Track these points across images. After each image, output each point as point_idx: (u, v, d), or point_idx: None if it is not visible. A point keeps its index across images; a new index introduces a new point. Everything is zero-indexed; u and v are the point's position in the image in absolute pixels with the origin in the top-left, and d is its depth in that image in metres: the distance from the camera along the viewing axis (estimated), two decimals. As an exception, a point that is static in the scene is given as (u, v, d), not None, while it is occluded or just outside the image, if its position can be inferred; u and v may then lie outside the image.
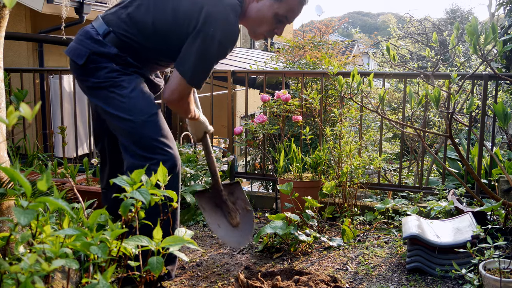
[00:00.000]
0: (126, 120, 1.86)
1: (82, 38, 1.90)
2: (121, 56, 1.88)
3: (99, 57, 1.86)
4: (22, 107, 0.82)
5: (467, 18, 14.81)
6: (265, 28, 1.99)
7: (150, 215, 1.42)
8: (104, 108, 1.88)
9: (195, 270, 2.25)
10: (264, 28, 1.99)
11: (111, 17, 1.92)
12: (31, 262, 0.95)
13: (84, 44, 1.88)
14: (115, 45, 1.88)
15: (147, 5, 1.90)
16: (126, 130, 1.87)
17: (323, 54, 5.52)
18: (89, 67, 1.86)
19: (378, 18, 58.82)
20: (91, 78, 1.88)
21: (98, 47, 1.86)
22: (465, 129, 6.21)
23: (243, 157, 4.29)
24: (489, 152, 2.99)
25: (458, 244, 2.13)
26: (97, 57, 1.86)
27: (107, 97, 1.87)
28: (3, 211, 1.70)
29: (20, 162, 3.49)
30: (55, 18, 5.50)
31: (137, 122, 1.85)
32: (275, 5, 1.93)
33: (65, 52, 1.94)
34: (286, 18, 1.98)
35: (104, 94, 1.87)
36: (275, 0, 1.93)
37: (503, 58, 5.00)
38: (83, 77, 1.91)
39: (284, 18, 1.97)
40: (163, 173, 1.33)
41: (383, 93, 2.52)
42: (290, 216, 2.43)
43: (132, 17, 1.89)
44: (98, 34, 1.88)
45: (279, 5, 1.93)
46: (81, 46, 1.88)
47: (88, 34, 1.90)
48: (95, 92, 1.90)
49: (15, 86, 3.96)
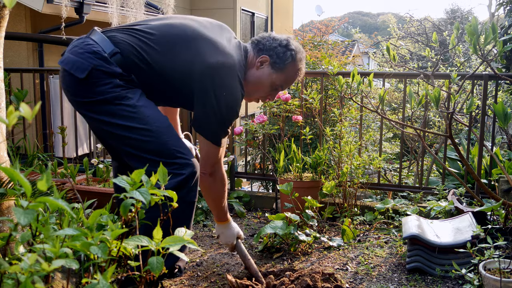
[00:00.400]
0: (139, 129, 1.81)
1: (83, 51, 1.81)
2: (124, 75, 1.83)
3: (102, 74, 1.79)
4: (22, 107, 0.82)
5: (467, 18, 14.82)
6: (260, 94, 2.08)
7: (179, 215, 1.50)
8: (111, 121, 1.81)
9: (195, 270, 2.25)
10: (259, 94, 2.08)
11: (119, 39, 1.85)
12: (31, 262, 0.95)
13: (85, 57, 1.80)
14: (120, 66, 1.82)
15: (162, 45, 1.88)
16: (140, 139, 1.82)
17: (323, 54, 5.52)
18: (90, 82, 1.79)
19: (378, 18, 58.81)
20: (92, 94, 1.80)
21: (103, 63, 1.79)
22: (465, 129, 6.21)
23: (243, 157, 4.30)
24: (489, 152, 2.99)
25: (458, 244, 2.13)
26: (100, 73, 1.79)
27: (113, 109, 1.81)
28: (3, 211, 1.70)
29: (20, 162, 3.49)
30: (55, 18, 5.50)
31: (152, 130, 1.82)
32: (273, 75, 2.01)
33: (61, 64, 1.84)
34: (281, 87, 2.07)
35: (110, 108, 1.81)
36: (274, 71, 2.00)
37: (503, 58, 5.00)
38: (82, 93, 1.82)
39: (280, 87, 2.06)
40: (163, 173, 1.33)
41: (383, 93, 2.52)
42: (290, 216, 2.43)
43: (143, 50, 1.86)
44: (104, 51, 1.81)
45: (277, 75, 2.01)
46: (82, 59, 1.79)
47: (91, 49, 1.81)
48: (98, 108, 1.82)
49: (15, 86, 3.96)
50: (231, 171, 3.50)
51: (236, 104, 1.92)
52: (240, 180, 3.63)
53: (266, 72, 2.00)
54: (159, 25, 1.93)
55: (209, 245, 2.60)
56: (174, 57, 1.88)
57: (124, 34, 1.88)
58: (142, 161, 1.81)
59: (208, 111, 1.87)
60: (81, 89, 1.82)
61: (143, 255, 1.29)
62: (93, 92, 1.80)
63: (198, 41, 1.90)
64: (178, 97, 1.98)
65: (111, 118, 1.81)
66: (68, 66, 1.80)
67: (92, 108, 1.83)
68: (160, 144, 1.83)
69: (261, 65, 2.00)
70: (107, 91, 1.79)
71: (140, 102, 1.83)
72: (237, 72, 1.91)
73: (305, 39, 6.44)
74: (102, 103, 1.81)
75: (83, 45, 1.84)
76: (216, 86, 1.85)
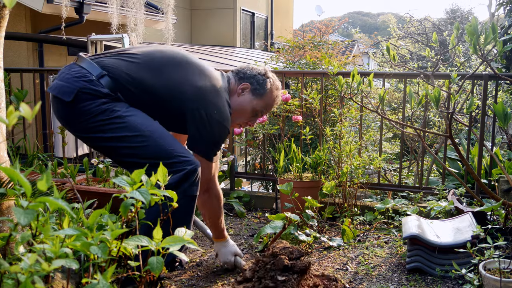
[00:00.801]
0: (132, 137, 1.84)
1: (70, 76, 1.86)
2: (111, 95, 1.86)
3: (88, 95, 1.83)
4: (22, 107, 0.82)
5: (467, 18, 14.81)
6: (242, 119, 2.19)
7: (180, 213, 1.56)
8: (104, 136, 1.85)
9: (195, 270, 2.25)
10: (241, 120, 2.19)
11: (106, 63, 1.90)
12: (31, 262, 0.95)
13: (72, 81, 1.84)
14: (108, 88, 1.86)
15: (150, 68, 1.94)
16: (135, 146, 1.85)
17: (323, 54, 5.52)
18: (76, 104, 1.82)
19: (378, 18, 58.80)
20: (80, 116, 1.84)
21: (89, 85, 1.83)
22: (465, 129, 6.21)
23: (243, 157, 4.29)
24: (489, 152, 2.99)
25: (458, 244, 2.13)
26: (86, 95, 1.82)
27: (103, 125, 1.84)
28: (3, 211, 1.70)
29: (20, 162, 3.49)
30: (55, 18, 5.50)
31: (145, 135, 1.85)
32: (254, 101, 2.14)
33: (49, 91, 1.89)
34: (261, 113, 2.20)
35: (99, 125, 1.84)
36: (255, 97, 2.14)
37: (503, 58, 5.00)
38: (71, 117, 1.87)
39: (260, 113, 2.19)
40: (163, 173, 1.33)
41: (383, 93, 2.52)
42: (290, 216, 2.43)
43: (132, 72, 1.90)
44: (91, 74, 1.85)
45: (257, 101, 2.14)
46: (68, 83, 1.84)
47: (78, 73, 1.86)
48: (89, 128, 1.86)
49: (15, 86, 3.96)
50: (231, 171, 3.50)
51: (226, 121, 2.02)
52: (240, 180, 3.63)
53: (248, 98, 2.13)
54: (147, 50, 2.02)
55: (209, 245, 2.60)
56: (164, 77, 1.94)
57: (112, 59, 1.94)
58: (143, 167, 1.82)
59: (201, 129, 1.96)
60: (70, 113, 1.86)
61: (143, 254, 1.29)
62: (80, 113, 1.84)
63: (187, 64, 2.01)
64: (169, 118, 2.01)
65: (103, 134, 1.85)
66: (55, 92, 1.86)
67: (85, 129, 1.88)
68: (156, 147, 1.86)
69: (242, 92, 2.13)
70: (93, 110, 1.83)
71: (128, 113, 1.87)
72: (223, 94, 2.04)
73: (305, 39, 6.43)
74: (91, 123, 1.85)
75: (69, 71, 1.90)
76: (206, 106, 1.96)
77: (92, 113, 1.83)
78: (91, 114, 1.83)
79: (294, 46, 6.18)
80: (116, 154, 1.91)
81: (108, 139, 1.86)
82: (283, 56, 6.14)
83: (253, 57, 9.06)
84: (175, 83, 1.95)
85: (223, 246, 2.21)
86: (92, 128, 1.85)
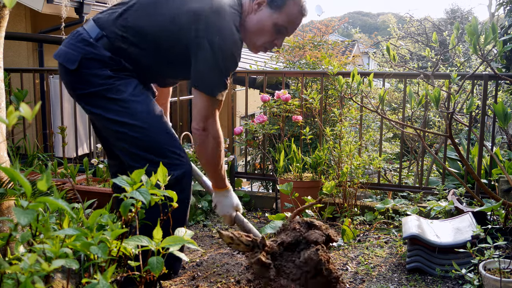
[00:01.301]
0: (130, 126, 1.79)
1: (73, 41, 1.82)
2: (115, 59, 1.81)
3: (92, 62, 1.78)
4: (22, 107, 0.82)
5: (467, 18, 14.81)
6: (265, 39, 1.94)
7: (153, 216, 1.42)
8: (104, 115, 1.81)
9: (195, 270, 2.25)
10: (264, 39, 1.95)
11: (103, 20, 1.84)
12: (31, 262, 0.95)
13: (75, 47, 1.80)
14: (108, 49, 1.80)
15: (142, 10, 1.84)
16: (131, 135, 1.80)
17: (323, 54, 5.52)
18: (81, 73, 1.79)
19: (378, 18, 58.81)
20: (84, 85, 1.80)
21: (91, 50, 1.78)
22: (465, 129, 6.21)
23: (243, 157, 4.29)
24: (489, 152, 2.99)
25: (458, 244, 2.13)
26: (90, 61, 1.78)
27: (105, 104, 1.80)
28: (3, 211, 1.70)
29: (20, 162, 3.49)
30: (55, 18, 5.50)
31: (143, 127, 1.80)
32: (274, 14, 1.90)
33: (54, 56, 1.85)
34: (285, 29, 1.95)
35: (102, 101, 1.80)
36: (274, 10, 1.89)
37: (503, 58, 5.00)
38: (75, 84, 1.83)
39: (284, 29, 1.94)
40: (163, 173, 1.33)
41: (383, 93, 2.52)
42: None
43: (126, 21, 1.83)
44: (90, 37, 1.80)
45: (278, 15, 1.90)
46: (72, 50, 1.80)
47: (79, 37, 1.82)
48: (91, 101, 1.82)
49: (15, 86, 3.96)
50: (231, 171, 3.50)
51: (230, 48, 1.80)
52: (240, 180, 3.63)
53: (266, 13, 1.89)
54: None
55: (209, 245, 2.60)
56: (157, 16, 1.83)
57: (106, 14, 1.87)
58: (134, 157, 1.81)
59: (202, 59, 1.78)
60: (74, 81, 1.83)
61: (143, 255, 1.29)
62: (84, 82, 1.80)
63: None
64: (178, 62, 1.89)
65: (104, 112, 1.81)
66: (60, 59, 1.83)
67: (87, 101, 1.84)
68: (151, 142, 1.81)
69: (259, 7, 1.91)
70: (98, 83, 1.78)
71: (133, 97, 1.80)
72: (228, 15, 1.81)
73: (305, 39, 6.43)
74: (94, 96, 1.80)
75: (73, 34, 1.85)
76: (206, 31, 1.76)
77: (95, 86, 1.78)
78: (94, 87, 1.79)
79: (294, 46, 6.18)
80: (111, 135, 1.87)
81: (106, 119, 1.81)
82: (283, 56, 6.14)
83: (253, 56, 9.05)
84: (172, 18, 1.81)
85: (224, 196, 2.00)
86: (94, 103, 1.82)
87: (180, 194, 1.78)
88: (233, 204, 2.01)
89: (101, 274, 1.09)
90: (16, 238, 1.09)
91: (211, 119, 1.85)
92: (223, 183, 1.98)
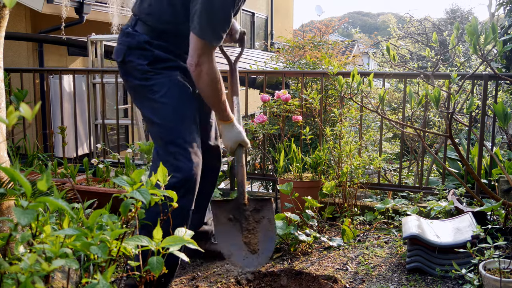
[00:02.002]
0: (155, 124, 1.93)
1: (120, 37, 2.00)
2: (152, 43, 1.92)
3: (133, 51, 1.93)
4: (22, 107, 0.82)
5: (467, 18, 14.81)
6: None
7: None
8: (141, 109, 2.00)
9: (195, 270, 2.25)
10: None
11: (135, 7, 2.01)
12: (31, 262, 0.95)
13: (120, 41, 1.98)
14: (144, 32, 1.93)
15: None
16: (155, 133, 1.95)
17: (323, 54, 5.52)
18: (127, 64, 1.94)
19: (378, 18, 58.80)
20: (130, 77, 1.97)
21: (131, 40, 1.94)
22: (465, 129, 6.21)
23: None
24: (489, 152, 2.99)
25: (458, 244, 2.13)
26: (132, 51, 1.93)
27: (142, 99, 1.97)
28: (3, 211, 1.70)
29: (20, 162, 3.49)
30: (55, 18, 5.51)
31: (165, 127, 1.91)
32: None
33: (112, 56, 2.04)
34: None
35: (141, 96, 1.98)
36: None
37: (503, 58, 5.00)
38: (125, 77, 2.00)
39: None
40: (163, 173, 1.33)
41: (383, 93, 2.52)
42: (290, 216, 2.43)
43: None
44: (128, 26, 1.98)
45: None
46: (119, 45, 1.98)
47: (123, 31, 1.99)
48: (135, 94, 2.01)
49: (15, 86, 3.96)
50: (231, 171, 3.50)
51: None
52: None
53: None
54: None
55: (209, 245, 2.60)
56: None
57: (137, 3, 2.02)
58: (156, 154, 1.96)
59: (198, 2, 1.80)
60: (122, 73, 2.01)
61: (142, 255, 1.29)
62: (131, 76, 1.96)
63: None
64: None
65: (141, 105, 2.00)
66: (113, 56, 2.02)
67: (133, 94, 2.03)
68: (164, 142, 1.91)
69: None
70: (139, 78, 1.94)
71: (163, 99, 1.92)
72: None
73: (305, 39, 6.43)
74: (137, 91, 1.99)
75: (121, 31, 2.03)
76: None
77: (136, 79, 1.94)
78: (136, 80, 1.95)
79: (294, 46, 6.18)
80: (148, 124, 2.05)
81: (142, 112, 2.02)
82: (283, 56, 6.14)
83: (253, 57, 9.05)
84: None
85: (226, 129, 2.05)
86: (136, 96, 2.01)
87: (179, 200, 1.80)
88: (234, 138, 2.06)
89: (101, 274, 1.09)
90: (16, 238, 1.09)
91: (205, 55, 1.85)
92: (227, 116, 2.03)
